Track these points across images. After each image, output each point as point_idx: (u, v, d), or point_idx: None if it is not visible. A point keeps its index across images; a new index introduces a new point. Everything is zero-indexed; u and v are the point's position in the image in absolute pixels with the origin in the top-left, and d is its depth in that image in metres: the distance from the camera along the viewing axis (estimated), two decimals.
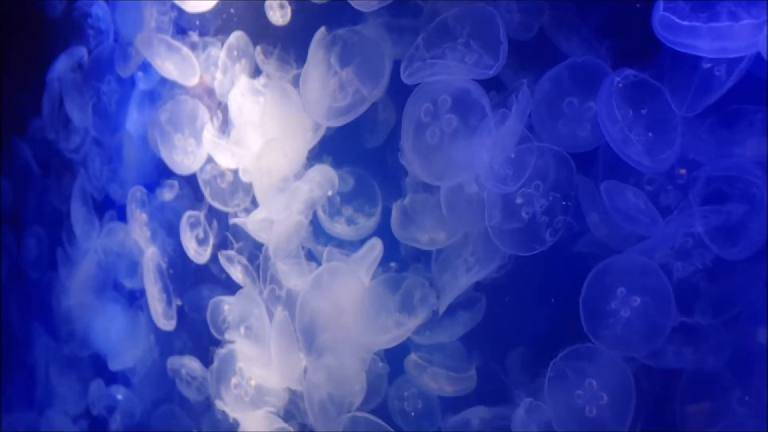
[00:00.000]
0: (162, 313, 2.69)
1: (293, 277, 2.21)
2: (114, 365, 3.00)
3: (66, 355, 3.26)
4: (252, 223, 2.33)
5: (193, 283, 2.64)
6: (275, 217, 2.26)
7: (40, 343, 3.49)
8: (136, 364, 2.92)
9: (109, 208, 2.98)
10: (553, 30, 1.82)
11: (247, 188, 2.38)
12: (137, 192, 2.74)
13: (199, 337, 2.56)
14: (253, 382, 2.34)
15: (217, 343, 2.43)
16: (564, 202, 1.74)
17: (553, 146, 1.73)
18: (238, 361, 2.37)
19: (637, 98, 1.63)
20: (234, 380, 2.36)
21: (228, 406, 2.38)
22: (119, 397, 2.99)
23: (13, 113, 3.70)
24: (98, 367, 3.10)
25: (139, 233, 2.77)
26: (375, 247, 2.10)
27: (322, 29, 2.07)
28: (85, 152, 3.08)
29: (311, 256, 2.23)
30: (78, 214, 3.10)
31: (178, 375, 2.67)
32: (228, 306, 2.43)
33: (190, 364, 2.62)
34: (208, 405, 2.57)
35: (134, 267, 2.82)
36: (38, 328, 3.51)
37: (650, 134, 1.62)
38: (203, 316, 2.48)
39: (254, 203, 2.36)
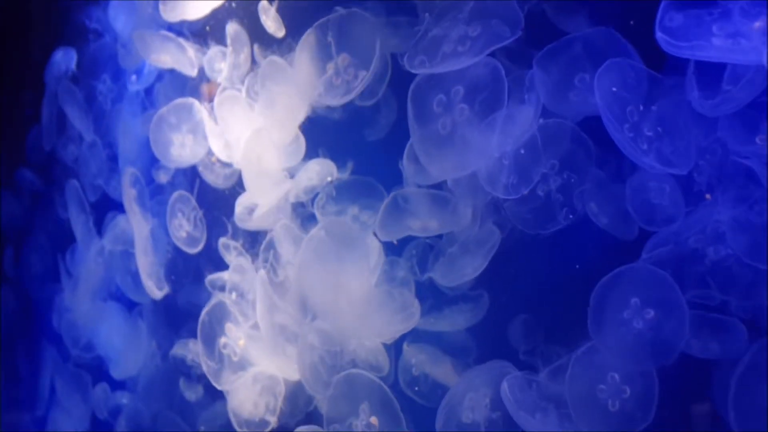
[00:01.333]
0: (155, 285, 2.65)
1: (288, 244, 2.15)
2: (117, 374, 2.93)
3: (71, 370, 3.19)
4: (239, 207, 2.28)
5: (193, 280, 2.59)
6: (262, 203, 2.21)
7: (46, 355, 3.41)
8: (138, 371, 2.85)
9: (110, 209, 2.92)
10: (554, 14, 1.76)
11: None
12: (129, 171, 2.69)
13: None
14: (241, 342, 2.27)
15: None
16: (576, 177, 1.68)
17: (570, 123, 1.66)
18: (227, 321, 2.30)
19: (642, 92, 1.57)
20: (223, 340, 2.30)
21: (214, 366, 2.30)
22: (124, 400, 2.92)
23: (11, 126, 3.62)
24: (103, 371, 3.02)
25: (128, 208, 2.71)
26: (375, 251, 2.02)
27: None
28: (83, 155, 3.01)
29: None
30: (78, 219, 3.04)
31: (183, 363, 2.60)
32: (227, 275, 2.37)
33: (195, 348, 2.55)
34: (209, 400, 2.52)
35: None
36: (43, 339, 3.42)
37: (659, 129, 1.55)
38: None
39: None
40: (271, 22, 2.21)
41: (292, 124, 2.16)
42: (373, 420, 1.92)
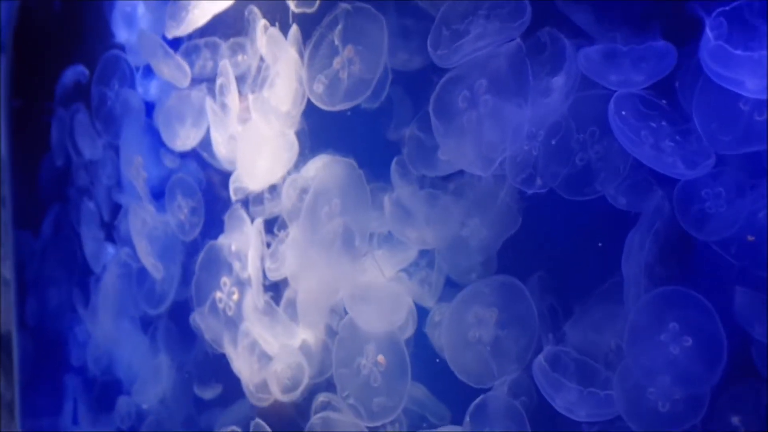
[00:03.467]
0: (153, 265, 2.57)
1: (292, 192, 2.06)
2: (139, 399, 2.82)
3: (94, 394, 3.10)
4: (232, 186, 2.21)
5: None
6: (252, 187, 2.14)
7: (67, 385, 3.31)
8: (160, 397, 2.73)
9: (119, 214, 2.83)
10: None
11: None
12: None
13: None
14: (235, 297, 2.18)
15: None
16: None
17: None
18: (222, 275, 2.21)
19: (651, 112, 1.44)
20: (218, 294, 2.21)
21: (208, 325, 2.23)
22: (144, 406, 2.80)
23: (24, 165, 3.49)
24: (123, 384, 2.92)
25: (135, 175, 2.63)
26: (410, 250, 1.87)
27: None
28: (95, 172, 2.92)
29: None
30: (88, 234, 2.96)
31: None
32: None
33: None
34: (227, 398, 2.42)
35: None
36: (64, 372, 3.31)
37: (678, 138, 1.42)
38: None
39: None
40: (264, 42, 2.11)
41: (288, 107, 2.05)
42: (380, 359, 1.83)
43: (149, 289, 2.65)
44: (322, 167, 1.99)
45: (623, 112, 1.44)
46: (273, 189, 2.13)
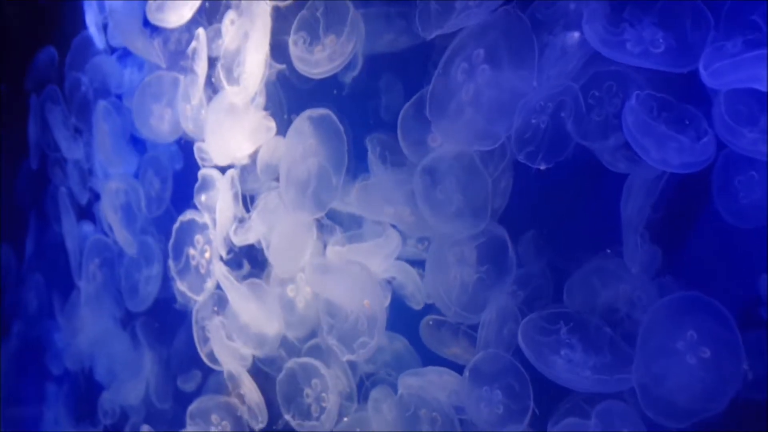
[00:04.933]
0: (126, 241, 2.48)
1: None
2: (121, 396, 2.69)
3: (76, 396, 2.98)
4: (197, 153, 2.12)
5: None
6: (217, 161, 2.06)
7: (48, 391, 3.19)
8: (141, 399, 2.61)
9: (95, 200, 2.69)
10: None
11: None
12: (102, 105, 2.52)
13: None
14: (207, 254, 2.11)
15: None
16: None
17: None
18: (195, 233, 2.14)
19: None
20: (191, 251, 2.14)
21: (185, 283, 2.15)
22: (127, 402, 2.66)
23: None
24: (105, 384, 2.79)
25: (101, 144, 2.54)
26: (392, 239, 1.76)
27: None
28: (70, 168, 2.78)
29: None
30: (67, 228, 2.81)
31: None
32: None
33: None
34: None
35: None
36: (44, 379, 3.20)
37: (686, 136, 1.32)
38: None
39: None
40: (231, 35, 2.00)
41: (258, 83, 1.95)
42: (366, 303, 1.75)
43: (131, 285, 2.54)
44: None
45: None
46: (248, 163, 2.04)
